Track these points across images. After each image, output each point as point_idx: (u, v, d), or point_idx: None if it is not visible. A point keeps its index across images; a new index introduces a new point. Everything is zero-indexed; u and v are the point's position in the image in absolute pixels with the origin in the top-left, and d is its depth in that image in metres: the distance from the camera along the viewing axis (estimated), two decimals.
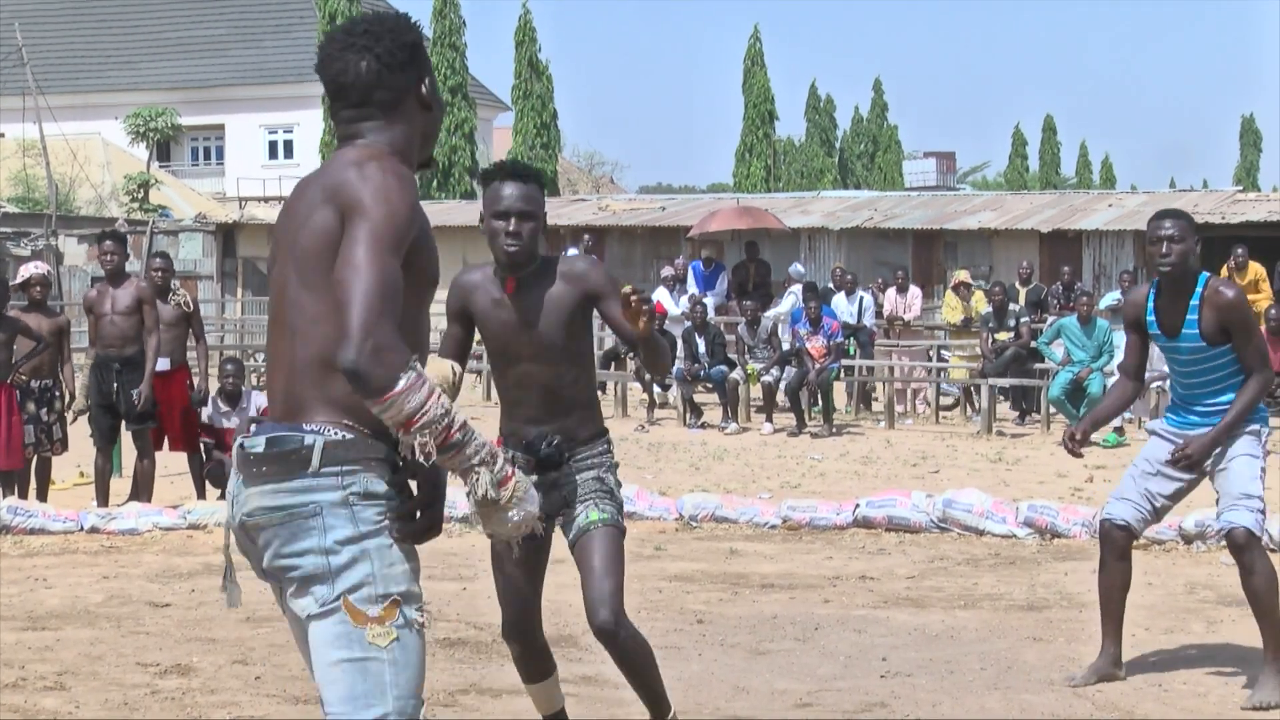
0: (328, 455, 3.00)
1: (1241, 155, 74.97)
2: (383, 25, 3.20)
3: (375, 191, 3.00)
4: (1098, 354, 15.44)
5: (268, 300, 3.27)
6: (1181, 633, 7.33)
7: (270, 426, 3.09)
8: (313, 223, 3.06)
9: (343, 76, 3.18)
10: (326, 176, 3.11)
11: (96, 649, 7.09)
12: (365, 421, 3.02)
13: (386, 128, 3.19)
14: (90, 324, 10.75)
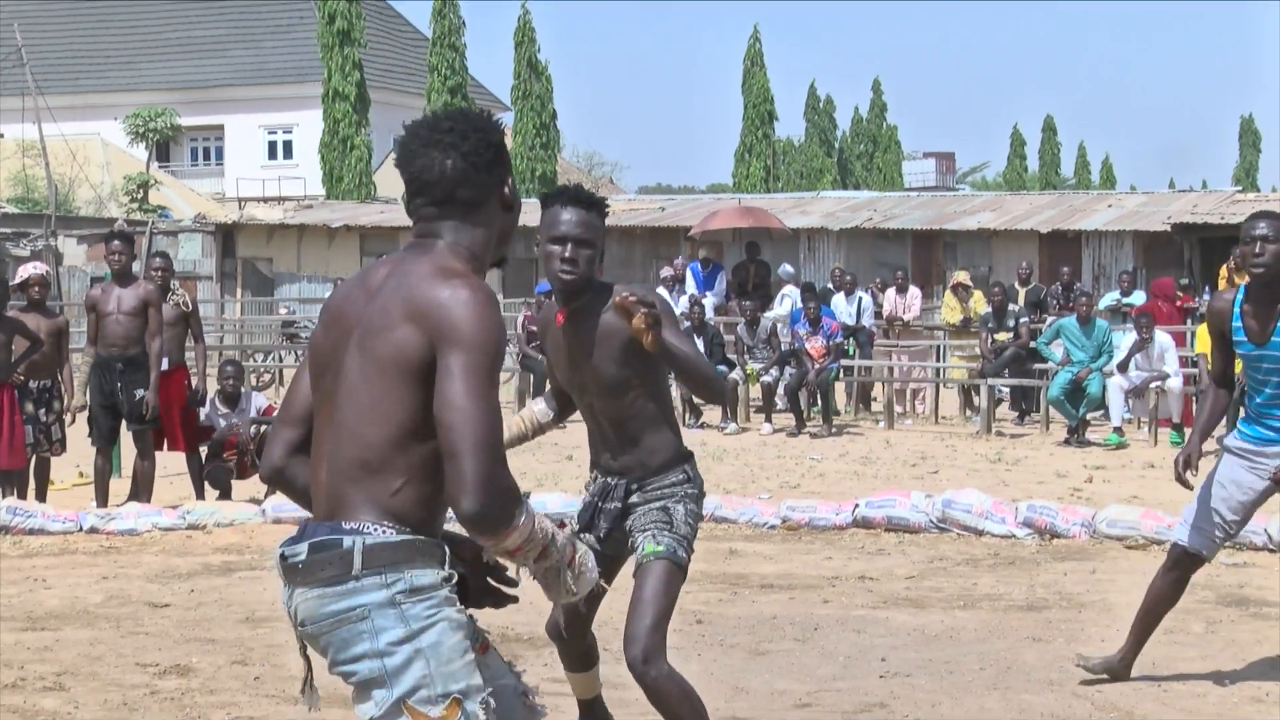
0: (369, 557, 2.96)
1: (1241, 156, 74.95)
2: (468, 123, 3.14)
3: (471, 321, 2.94)
4: (1097, 354, 15.43)
5: (318, 375, 3.17)
6: (1181, 633, 7.32)
7: (311, 529, 3.07)
8: (394, 336, 2.98)
9: (427, 173, 3.12)
10: (409, 286, 3.02)
11: (96, 649, 7.09)
12: (409, 522, 3.00)
13: (466, 228, 3.14)
14: (91, 323, 10.72)
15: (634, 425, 4.64)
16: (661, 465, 4.66)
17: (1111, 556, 9.21)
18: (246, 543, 9.91)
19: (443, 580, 3.01)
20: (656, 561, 4.56)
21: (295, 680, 6.50)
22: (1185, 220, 22.99)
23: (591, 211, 4.59)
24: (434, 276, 3.01)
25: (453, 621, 3.00)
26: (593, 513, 4.74)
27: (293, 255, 29.14)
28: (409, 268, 3.07)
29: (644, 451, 4.65)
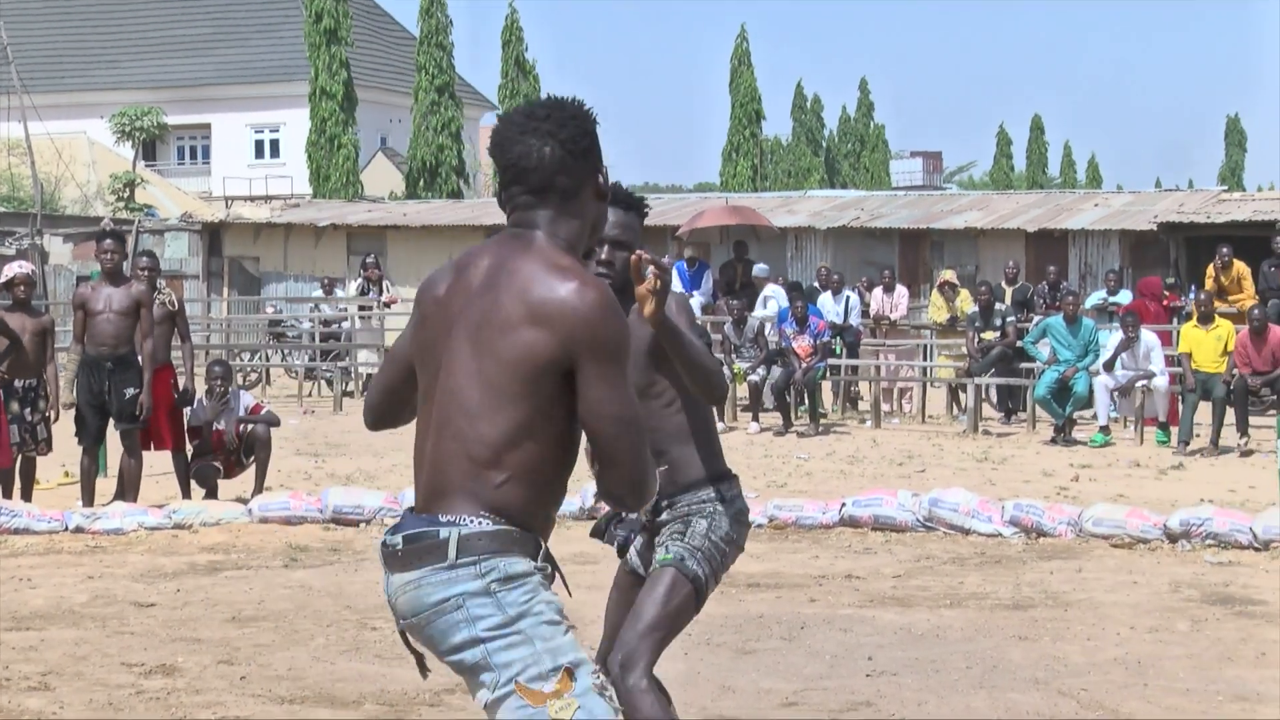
0: (463, 546, 2.99)
1: (1226, 155, 75.12)
2: (565, 111, 3.16)
3: (603, 324, 3.00)
4: (1083, 353, 15.46)
5: (420, 370, 3.20)
6: (1166, 631, 7.34)
7: (409, 521, 3.08)
8: (520, 338, 3.00)
9: (525, 160, 3.12)
10: (524, 283, 3.03)
11: (81, 649, 7.08)
12: (508, 514, 3.03)
13: (562, 219, 3.14)
14: (79, 321, 10.69)
15: (659, 437, 4.34)
16: (689, 483, 4.39)
17: (1097, 555, 9.23)
18: (233, 542, 9.89)
19: (536, 568, 3.04)
20: (662, 569, 4.35)
21: (280, 679, 6.50)
22: (1171, 219, 23.03)
23: (630, 212, 4.45)
24: (550, 274, 3.03)
25: (550, 604, 3.03)
26: (612, 519, 4.61)
27: (279, 254, 29.09)
28: (518, 264, 3.07)
29: (671, 467, 4.37)
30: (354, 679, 6.53)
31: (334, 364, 20.81)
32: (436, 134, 44.32)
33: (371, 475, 12.80)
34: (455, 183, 44.51)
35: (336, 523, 10.38)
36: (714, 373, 4.27)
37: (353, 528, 10.31)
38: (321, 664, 6.81)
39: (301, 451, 14.47)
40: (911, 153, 68.83)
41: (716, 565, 4.37)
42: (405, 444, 13.62)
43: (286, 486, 11.73)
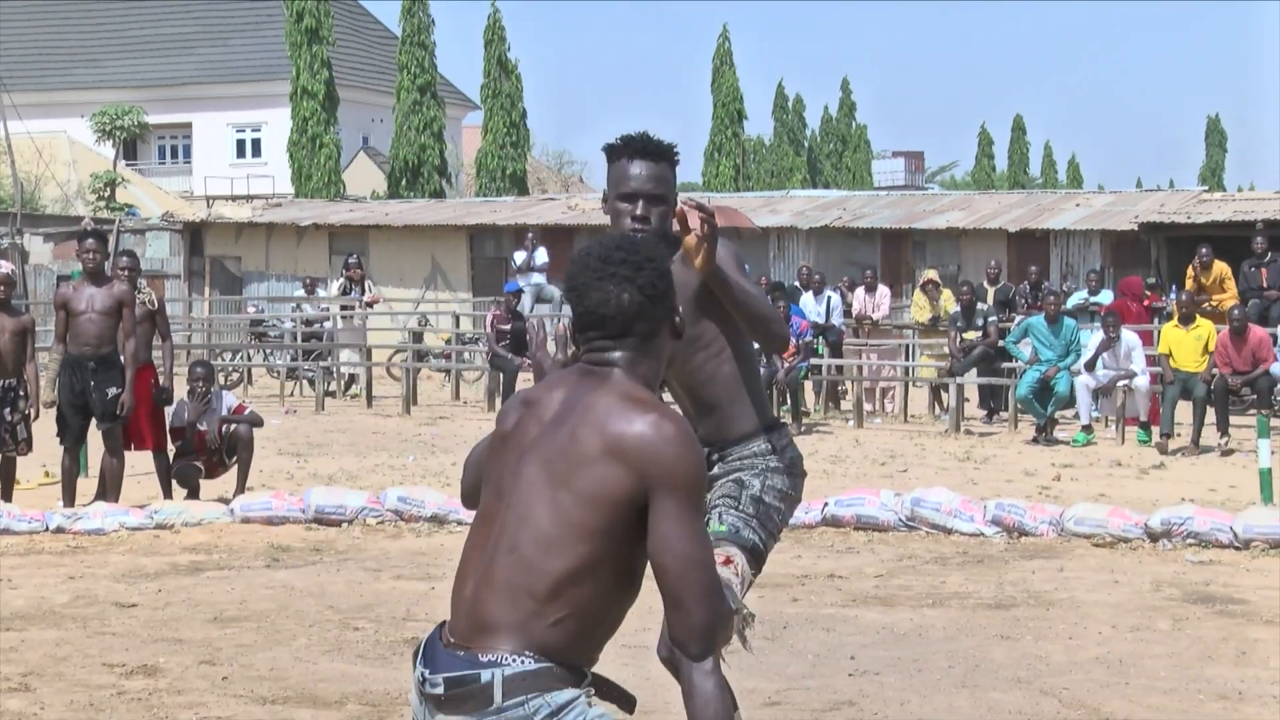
0: (509, 688, 2.93)
1: (1207, 155, 75.35)
2: (640, 254, 3.11)
3: (682, 461, 2.95)
4: (1065, 353, 15.50)
5: (486, 489, 3.16)
6: (1147, 630, 7.36)
7: (445, 658, 3.00)
8: (596, 472, 2.96)
9: (603, 308, 3.08)
10: (601, 416, 3.00)
11: (62, 650, 7.05)
12: (553, 653, 2.97)
13: (640, 360, 3.12)
14: (61, 321, 10.66)
15: (709, 390, 4.25)
16: (742, 435, 4.26)
17: (1079, 554, 9.26)
18: (215, 542, 9.87)
19: (582, 692, 3.00)
20: (718, 541, 4.16)
21: (262, 680, 6.49)
22: (1152, 219, 23.08)
23: (662, 163, 4.22)
24: (628, 408, 2.99)
25: (601, 714, 3.00)
26: None
27: (261, 254, 29.01)
28: (595, 398, 3.03)
29: (721, 419, 4.26)
30: (336, 679, 6.52)
31: (316, 364, 20.78)
32: (419, 133, 44.26)
33: (354, 475, 12.78)
34: (437, 182, 44.45)
35: (319, 523, 10.36)
36: (772, 319, 4.13)
37: (335, 528, 10.29)
38: (303, 664, 6.79)
39: (283, 451, 14.44)
40: (894, 153, 68.91)
41: (774, 525, 4.25)
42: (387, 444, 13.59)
43: (268, 486, 11.70)
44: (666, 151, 4.24)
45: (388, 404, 19.43)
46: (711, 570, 2.97)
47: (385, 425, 17.24)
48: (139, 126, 44.65)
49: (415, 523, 10.34)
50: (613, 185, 4.24)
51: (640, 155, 4.20)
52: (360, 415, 18.51)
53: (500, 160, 44.93)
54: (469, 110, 56.42)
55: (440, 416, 18.17)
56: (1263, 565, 8.89)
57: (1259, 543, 9.22)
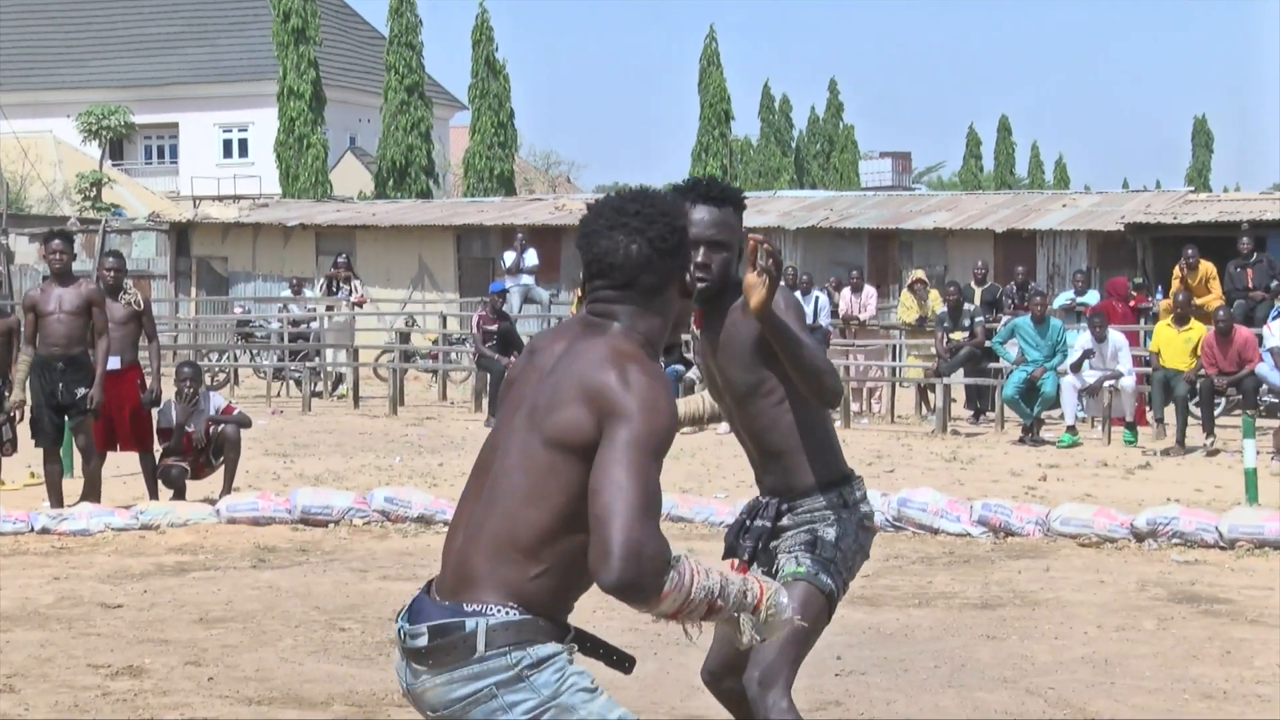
0: (491, 638, 2.94)
1: (1193, 156, 75.56)
2: (655, 207, 3.10)
3: (641, 402, 2.91)
4: (1051, 353, 15.53)
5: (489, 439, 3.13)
6: (1133, 630, 7.38)
7: (429, 608, 3.01)
8: (563, 415, 2.95)
9: (611, 256, 3.07)
10: (582, 366, 2.99)
11: (47, 650, 7.03)
12: (535, 607, 2.96)
13: (644, 315, 3.09)
14: (30, 323, 10.65)
15: (770, 438, 4.14)
16: (809, 487, 4.14)
17: (1065, 554, 9.27)
18: (200, 543, 9.85)
19: (563, 648, 2.99)
20: (796, 583, 4.07)
21: (248, 681, 6.47)
22: (1139, 220, 23.14)
23: (726, 208, 4.13)
24: (608, 358, 2.98)
25: (582, 675, 2.98)
26: (738, 530, 4.27)
27: (248, 254, 28.97)
28: (583, 348, 3.03)
29: (785, 468, 4.15)
30: (322, 680, 6.51)
31: (303, 364, 20.75)
32: (406, 134, 44.22)
33: (340, 476, 12.76)
34: (424, 183, 44.42)
35: (305, 523, 10.34)
36: (824, 372, 4.00)
37: (321, 528, 10.28)
38: (289, 665, 6.79)
39: (270, 452, 14.42)
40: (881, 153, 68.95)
41: (846, 575, 4.17)
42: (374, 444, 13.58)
43: (255, 487, 11.68)
44: (732, 196, 4.15)
45: (374, 404, 19.41)
46: (643, 501, 2.82)
47: (372, 426, 17.22)
48: (125, 126, 44.61)
49: (402, 523, 10.33)
50: None
51: (704, 200, 4.10)
52: (347, 416, 18.49)
53: (488, 160, 44.91)
54: (456, 110, 56.39)
55: (427, 417, 18.15)
56: (1248, 565, 8.92)
57: (1244, 542, 9.25)
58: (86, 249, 28.49)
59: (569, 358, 3.03)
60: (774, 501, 4.17)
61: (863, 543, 4.19)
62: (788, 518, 4.16)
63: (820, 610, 4.10)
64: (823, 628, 4.16)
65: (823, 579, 4.09)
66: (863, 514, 4.19)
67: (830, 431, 4.22)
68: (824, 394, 4.01)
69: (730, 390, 4.16)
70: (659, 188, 3.25)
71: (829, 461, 4.17)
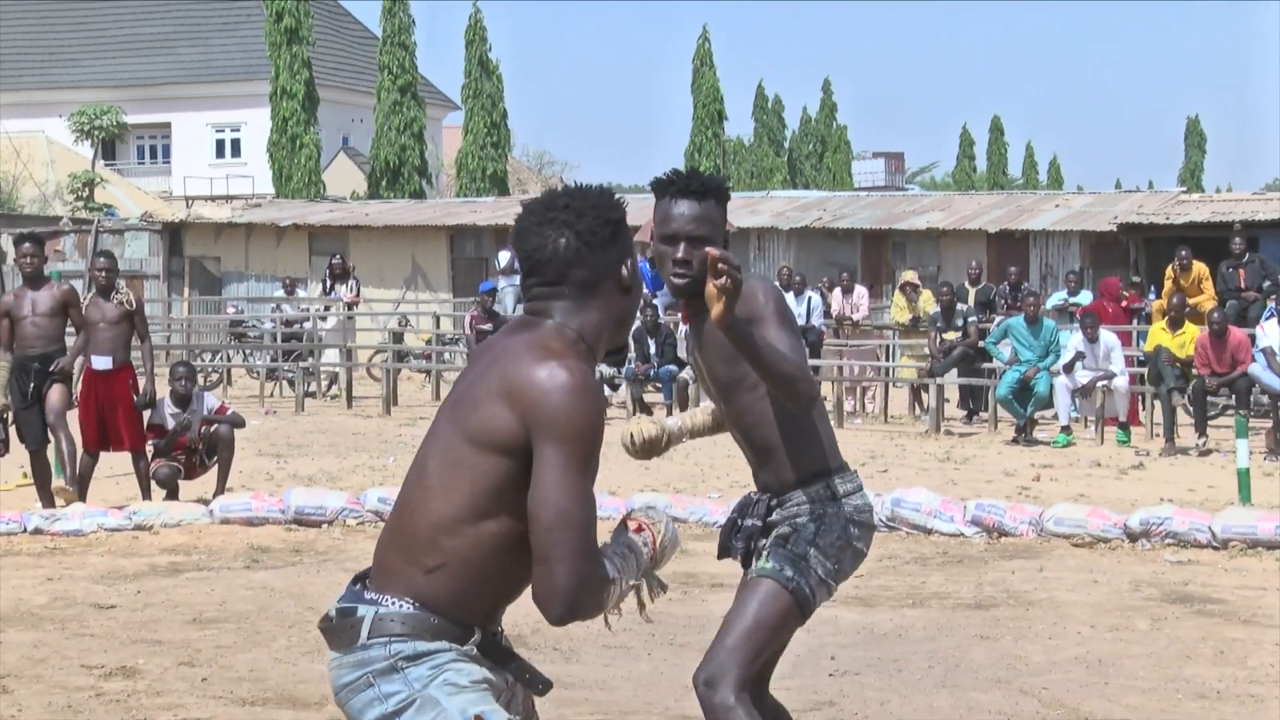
0: (375, 628, 2.93)
1: (1186, 156, 75.64)
2: (585, 200, 3.03)
3: (568, 408, 2.84)
4: (1044, 354, 15.54)
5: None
6: (1126, 629, 7.38)
7: (346, 590, 3.04)
8: (483, 413, 2.91)
9: (540, 252, 3.01)
10: (505, 361, 2.94)
11: (40, 651, 7.02)
12: (435, 606, 2.93)
13: (579, 310, 3.02)
14: (5, 329, 10.72)
15: (760, 433, 4.03)
16: (798, 480, 4.01)
17: (1059, 555, 9.28)
18: (194, 543, 9.84)
19: (453, 649, 2.94)
20: (757, 579, 3.97)
21: (242, 681, 6.47)
22: (1131, 220, 23.16)
23: (707, 201, 3.97)
24: (532, 354, 2.92)
25: (460, 672, 2.93)
26: (731, 529, 4.17)
27: (240, 254, 28.95)
28: (510, 343, 2.99)
29: (777, 463, 4.02)
30: (316, 680, 6.50)
31: (296, 364, 20.73)
32: (399, 134, 44.21)
33: (334, 476, 12.75)
34: (418, 183, 44.41)
35: (298, 524, 10.33)
36: (794, 378, 3.80)
37: (315, 529, 10.27)
38: (283, 665, 6.78)
39: (263, 452, 14.40)
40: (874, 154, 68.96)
41: (826, 571, 3.98)
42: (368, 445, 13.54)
43: (248, 487, 11.67)
44: (714, 188, 3.99)
45: (368, 405, 19.40)
46: (583, 530, 2.82)
47: (365, 426, 17.20)
48: (118, 126, 44.58)
49: None
50: (657, 224, 4.02)
51: (683, 194, 3.96)
52: (340, 416, 18.47)
53: (481, 160, 44.90)
54: (449, 110, 56.37)
55: (421, 417, 18.13)
56: (1241, 565, 8.92)
57: (1237, 543, 9.26)
58: (79, 249, 28.46)
59: (496, 354, 3.01)
60: (764, 498, 4.08)
61: (852, 538, 4.02)
62: (776, 513, 4.05)
63: (784, 609, 3.93)
64: (790, 626, 4.00)
65: (787, 574, 3.93)
66: (854, 506, 4.04)
67: (818, 425, 4.06)
68: (797, 399, 3.85)
69: (716, 385, 4.08)
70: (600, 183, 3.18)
71: (817, 454, 4.03)
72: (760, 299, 3.90)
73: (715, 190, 3.98)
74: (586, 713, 5.49)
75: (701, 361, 4.09)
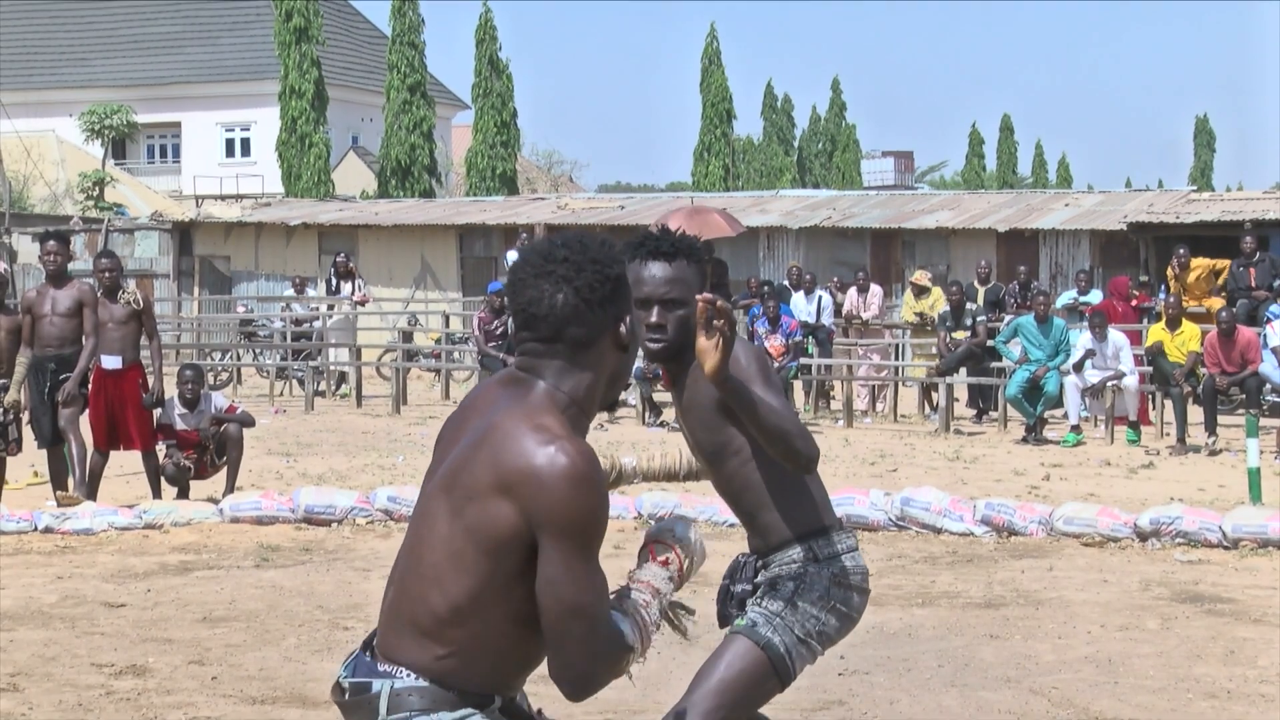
0: (394, 703, 2.85)
1: (1196, 155, 75.50)
2: (584, 254, 2.90)
3: (566, 501, 2.74)
4: (1054, 353, 15.52)
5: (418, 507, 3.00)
6: (1136, 629, 7.37)
7: (357, 662, 2.94)
8: (483, 505, 2.79)
9: (535, 307, 2.88)
10: (499, 443, 2.81)
11: (50, 650, 7.04)
12: (449, 685, 2.86)
13: (573, 370, 2.89)
14: (27, 325, 10.73)
15: (746, 499, 3.94)
16: (780, 543, 3.94)
17: (1068, 554, 9.27)
18: (204, 542, 9.85)
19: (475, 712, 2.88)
20: (733, 635, 3.90)
21: (251, 680, 6.48)
22: (1141, 219, 23.12)
23: (678, 261, 3.85)
24: (526, 437, 2.78)
25: None
26: (724, 598, 4.09)
27: (250, 253, 28.98)
28: (502, 420, 2.84)
29: (762, 527, 3.94)
30: (325, 679, 6.50)
31: (305, 363, 20.76)
32: (408, 133, 44.22)
33: (343, 475, 12.77)
34: (427, 182, 44.42)
35: (308, 522, 10.35)
36: (792, 435, 3.69)
37: (324, 528, 10.28)
38: (293, 664, 6.79)
39: (273, 451, 14.42)
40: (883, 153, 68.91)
41: (806, 632, 3.88)
42: (377, 444, 13.54)
43: (258, 486, 11.69)
44: (687, 248, 3.87)
45: (377, 404, 19.41)
46: (597, 619, 2.78)
47: (375, 425, 17.22)
48: (128, 126, 44.59)
49: (404, 522, 10.33)
50: (631, 286, 3.89)
51: (654, 255, 3.84)
52: (350, 415, 18.49)
53: (490, 160, 44.89)
54: (459, 110, 56.38)
55: (430, 416, 18.15)
56: (1251, 564, 8.91)
57: (1247, 542, 9.24)
58: (90, 248, 28.50)
59: (489, 428, 2.85)
60: (751, 560, 4.01)
61: (836, 600, 3.90)
62: (762, 574, 3.98)
63: (756, 666, 3.82)
64: (765, 687, 3.87)
65: (761, 632, 3.84)
66: (839, 569, 3.91)
67: (809, 486, 3.95)
68: (795, 458, 3.73)
69: (700, 451, 3.99)
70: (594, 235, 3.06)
71: (803, 515, 3.92)
72: (742, 361, 3.77)
73: (686, 250, 3.87)
74: (595, 712, 5.50)
75: (685, 427, 4.00)
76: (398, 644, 2.90)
